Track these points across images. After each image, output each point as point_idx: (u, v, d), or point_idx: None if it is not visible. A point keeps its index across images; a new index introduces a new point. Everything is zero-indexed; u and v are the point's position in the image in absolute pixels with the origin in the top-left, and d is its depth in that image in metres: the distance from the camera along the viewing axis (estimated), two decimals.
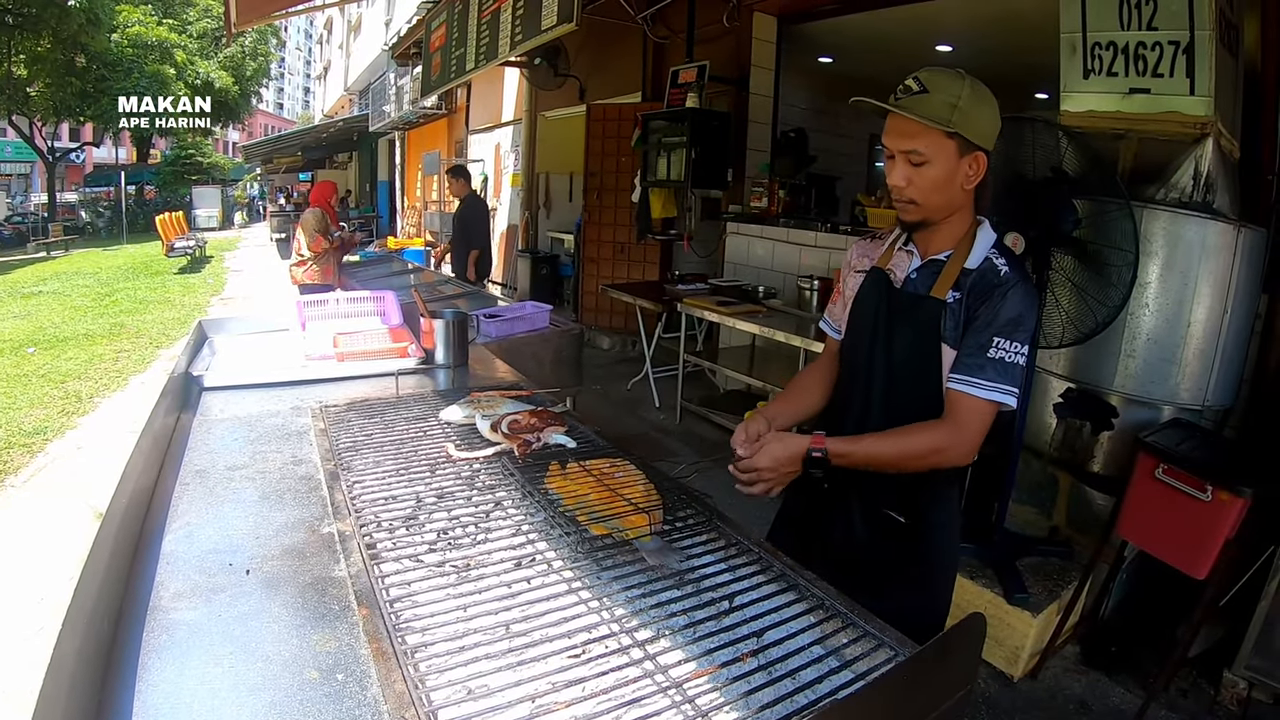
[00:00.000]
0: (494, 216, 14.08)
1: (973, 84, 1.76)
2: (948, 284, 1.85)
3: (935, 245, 1.92)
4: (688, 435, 6.39)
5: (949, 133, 1.74)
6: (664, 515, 1.72)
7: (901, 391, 1.93)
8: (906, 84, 1.79)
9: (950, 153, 1.76)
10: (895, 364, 1.94)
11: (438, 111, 17.18)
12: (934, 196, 1.81)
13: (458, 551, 1.57)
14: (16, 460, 6.08)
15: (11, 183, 39.24)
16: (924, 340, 1.88)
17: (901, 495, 1.95)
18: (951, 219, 1.88)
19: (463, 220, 8.32)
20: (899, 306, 1.95)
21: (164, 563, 1.56)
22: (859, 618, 1.42)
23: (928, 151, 1.76)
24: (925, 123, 1.73)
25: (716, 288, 6.64)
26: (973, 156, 1.78)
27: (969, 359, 1.78)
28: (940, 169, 1.78)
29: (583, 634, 1.32)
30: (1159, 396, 3.52)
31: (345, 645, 1.30)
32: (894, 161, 1.84)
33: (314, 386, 2.80)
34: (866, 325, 2.02)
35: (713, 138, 7.22)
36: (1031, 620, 3.31)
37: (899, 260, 1.99)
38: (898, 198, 1.86)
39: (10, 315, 12.30)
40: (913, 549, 1.98)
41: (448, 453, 2.07)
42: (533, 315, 4.24)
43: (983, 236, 1.88)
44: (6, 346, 9.82)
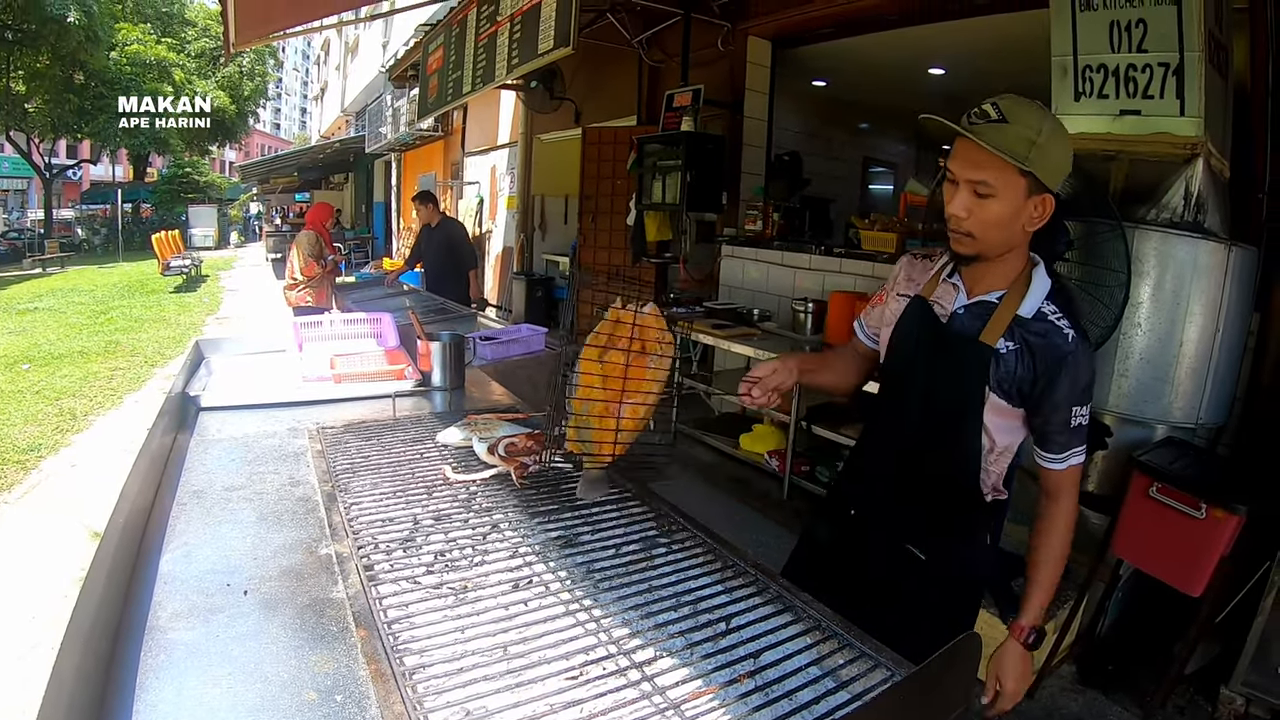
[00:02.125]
0: (489, 239, 14.12)
1: (1055, 121, 1.67)
2: (999, 331, 1.78)
3: (985, 284, 1.85)
4: (683, 457, 6.36)
5: (1022, 170, 1.63)
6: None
7: (938, 427, 1.90)
8: (984, 109, 1.67)
9: (1019, 191, 1.67)
10: (935, 400, 1.90)
11: (434, 134, 17.19)
12: (993, 233, 1.73)
13: (455, 573, 1.58)
14: (10, 477, 6.05)
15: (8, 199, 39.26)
16: (969, 384, 1.82)
17: (925, 531, 1.96)
18: (1006, 257, 1.80)
19: (447, 244, 8.28)
20: (943, 343, 1.88)
21: (162, 583, 1.56)
22: (855, 638, 1.43)
23: (996, 185, 1.66)
24: (1000, 155, 1.61)
25: (712, 310, 6.65)
26: (1041, 198, 1.69)
27: (1059, 437, 1.80)
28: (1006, 205, 1.68)
29: (580, 655, 1.33)
30: (1152, 415, 3.53)
31: (344, 666, 1.31)
32: (956, 188, 1.73)
33: (311, 408, 2.80)
34: (906, 355, 1.97)
35: (707, 161, 7.24)
36: None
37: (944, 292, 1.92)
38: (955, 228, 1.76)
39: (5, 331, 12.27)
40: (932, 585, 1.97)
41: (445, 475, 2.08)
42: (528, 338, 4.24)
43: (1037, 283, 1.80)
44: (1, 363, 9.79)
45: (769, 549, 4.50)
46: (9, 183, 39.46)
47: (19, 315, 14.16)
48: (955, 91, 9.06)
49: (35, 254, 25.21)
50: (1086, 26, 3.67)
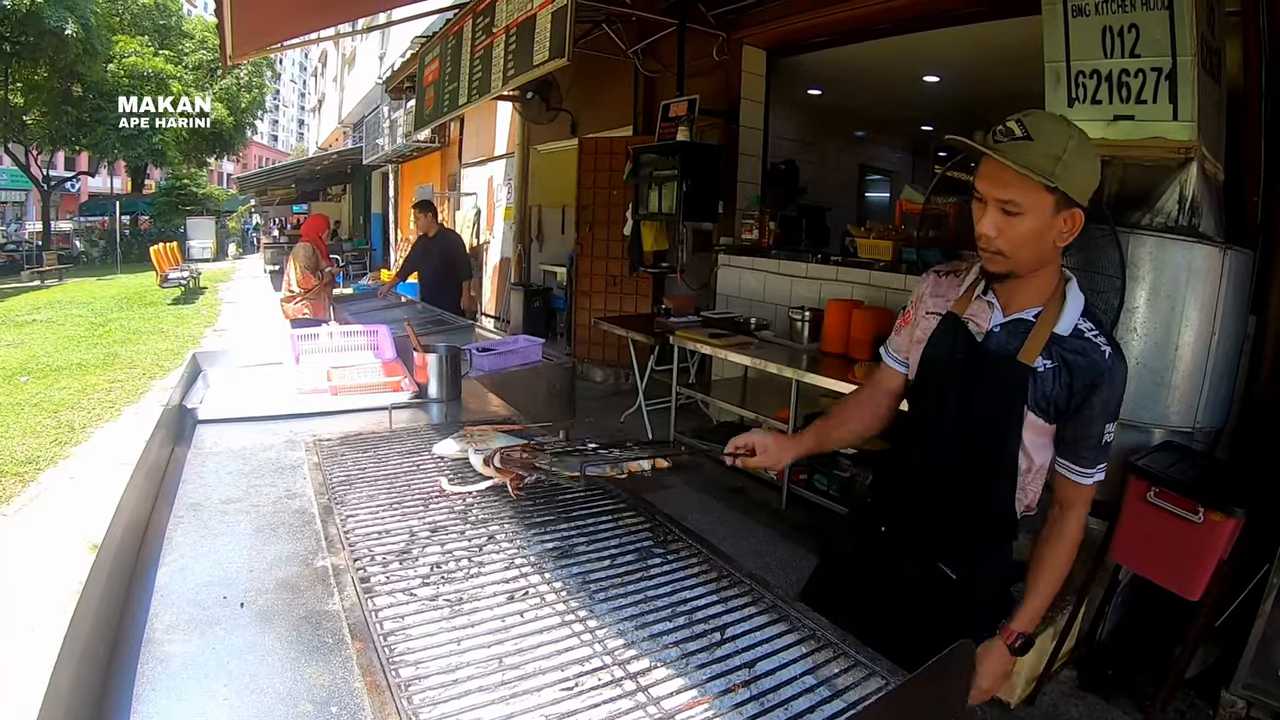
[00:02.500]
0: (486, 250, 14.13)
1: (1080, 136, 1.65)
2: (1037, 349, 1.78)
3: (1020, 301, 1.84)
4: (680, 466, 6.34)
5: (1049, 187, 1.63)
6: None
7: (975, 448, 1.89)
8: (1009, 126, 1.66)
9: (1047, 207, 1.66)
10: (972, 420, 1.89)
11: (431, 145, 17.22)
12: (1024, 250, 1.72)
13: (451, 585, 1.59)
14: (9, 489, 6.05)
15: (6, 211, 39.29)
16: (1008, 404, 1.82)
17: (956, 550, 1.96)
18: (1039, 274, 1.80)
19: (444, 255, 8.29)
20: (981, 363, 1.87)
21: (158, 595, 1.56)
22: (850, 647, 1.43)
23: (1024, 203, 1.66)
24: (1026, 173, 1.61)
25: (709, 319, 6.66)
26: (1069, 213, 1.68)
27: (1088, 453, 1.81)
28: (1035, 223, 1.68)
29: (576, 666, 1.34)
30: (1149, 420, 3.54)
31: (339, 678, 1.31)
32: (984, 207, 1.73)
33: (308, 420, 2.80)
34: (940, 373, 1.96)
35: (704, 170, 7.28)
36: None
37: (978, 310, 1.91)
38: (985, 247, 1.76)
39: (3, 344, 12.26)
40: (960, 603, 1.98)
41: (441, 487, 2.08)
42: (525, 349, 4.24)
43: (1073, 299, 1.80)
44: None
45: (766, 558, 4.53)
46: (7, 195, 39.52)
47: (17, 327, 14.15)
48: (950, 99, 9.09)
49: (33, 266, 25.23)
50: (1079, 32, 3.68)
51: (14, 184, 37.69)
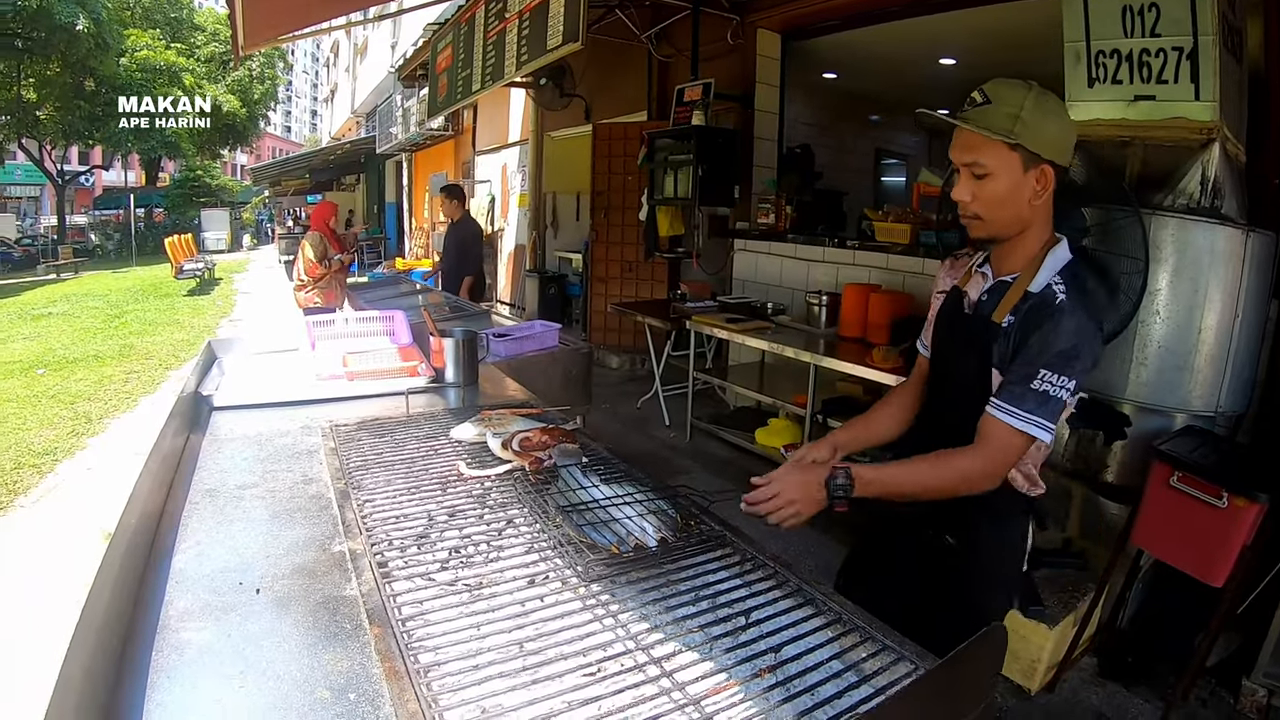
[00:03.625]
0: (501, 237, 14.10)
1: (1039, 94, 1.70)
2: (1006, 308, 1.81)
3: (1008, 265, 1.88)
4: (697, 453, 6.37)
5: (1011, 144, 1.69)
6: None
7: (962, 412, 1.88)
8: (972, 96, 1.75)
9: (1013, 166, 1.72)
10: (958, 385, 1.93)
11: (444, 133, 17.20)
12: (999, 211, 1.77)
13: (470, 569, 1.56)
14: (26, 480, 6.07)
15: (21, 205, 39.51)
16: (979, 363, 1.85)
17: (956, 517, 1.93)
18: (1025, 237, 1.83)
19: (460, 244, 8.26)
20: (963, 329, 1.94)
21: (174, 582, 1.55)
22: (878, 631, 1.40)
23: (990, 164, 1.72)
24: (986, 134, 1.69)
25: (725, 304, 6.62)
26: (1039, 170, 1.73)
27: (1012, 386, 1.73)
28: (1004, 183, 1.73)
29: (598, 651, 1.31)
30: (1171, 404, 3.49)
31: (357, 664, 1.28)
32: (959, 176, 1.80)
33: (324, 406, 2.79)
34: (940, 346, 2.05)
35: (719, 155, 7.23)
36: (1048, 633, 3.26)
37: (974, 282, 1.96)
38: (963, 213, 1.82)
39: (20, 337, 12.34)
40: (964, 574, 1.96)
41: (459, 471, 2.06)
42: (542, 334, 4.21)
43: (1052, 259, 1.81)
44: (17, 367, 9.84)
45: (786, 542, 4.49)
46: (22, 190, 39.75)
47: (34, 320, 14.24)
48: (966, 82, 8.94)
49: (49, 260, 25.42)
50: (1099, 11, 3.62)
51: (29, 179, 37.95)
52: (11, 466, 6.33)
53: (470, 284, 7.93)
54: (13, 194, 39.96)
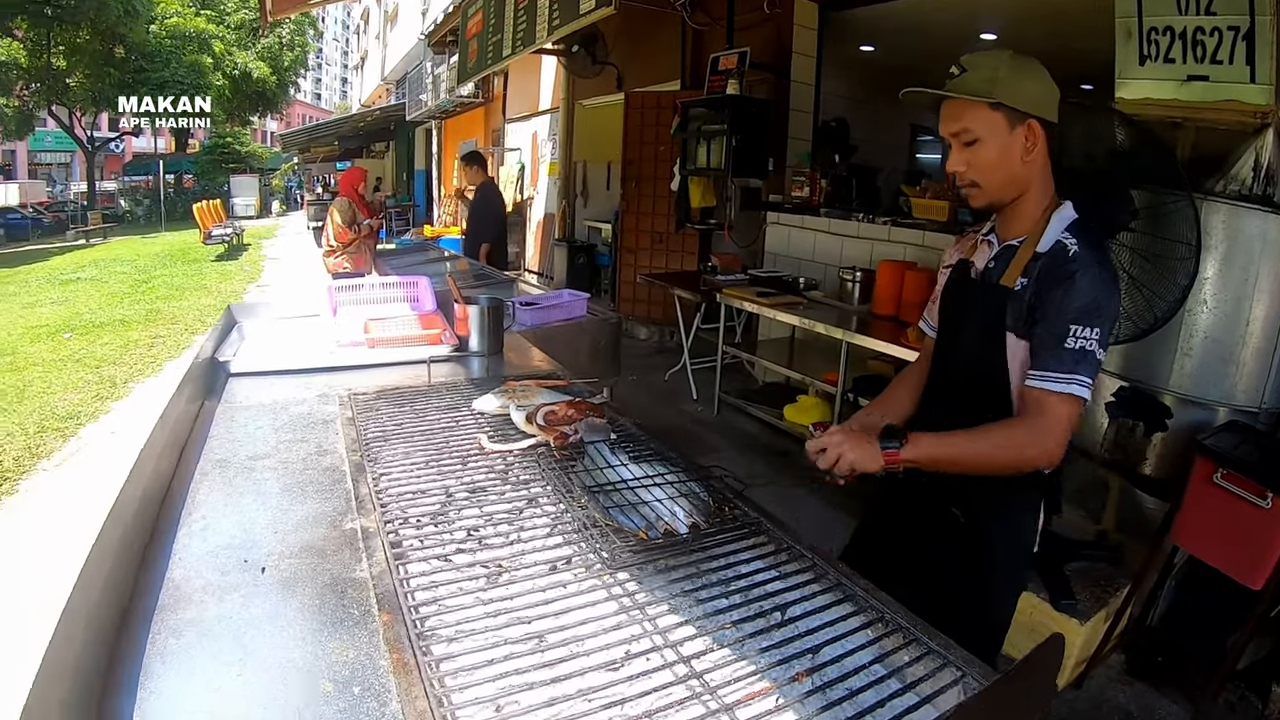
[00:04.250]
0: (530, 205, 14.01)
1: (1014, 56, 1.72)
2: (1017, 271, 1.77)
3: (1013, 230, 1.85)
4: (725, 428, 6.27)
5: (992, 104, 1.70)
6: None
7: (971, 383, 1.86)
8: (950, 70, 1.77)
9: (999, 126, 1.72)
10: (966, 354, 1.88)
11: (474, 100, 17.08)
12: (993, 175, 1.76)
13: (489, 552, 1.47)
14: (50, 444, 6.07)
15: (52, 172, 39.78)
16: (988, 328, 1.81)
17: (971, 493, 1.85)
18: (1026, 200, 1.80)
19: (475, 212, 8.13)
20: (970, 297, 1.91)
21: (176, 558, 1.48)
22: (922, 633, 1.30)
23: (976, 128, 1.73)
24: (966, 99, 1.72)
25: (756, 278, 6.50)
26: (1025, 126, 1.72)
27: (1045, 352, 1.67)
28: (993, 145, 1.73)
29: (622, 647, 1.21)
30: (1215, 397, 3.35)
31: (364, 654, 1.20)
32: (951, 149, 1.80)
33: (344, 374, 2.72)
34: (946, 317, 2.02)
35: (753, 125, 7.09)
36: (1079, 628, 3.17)
37: (981, 251, 1.93)
38: (960, 184, 1.82)
39: (49, 301, 12.39)
40: (974, 552, 1.88)
41: (480, 444, 1.96)
42: (570, 303, 4.12)
43: (1058, 218, 1.77)
44: (44, 332, 9.87)
45: (812, 524, 4.39)
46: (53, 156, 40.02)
47: (62, 285, 14.32)
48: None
49: (78, 225, 25.53)
50: None
51: (59, 146, 38.22)
52: (35, 430, 6.33)
53: (487, 251, 7.75)
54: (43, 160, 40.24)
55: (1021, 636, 3.29)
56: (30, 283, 14.91)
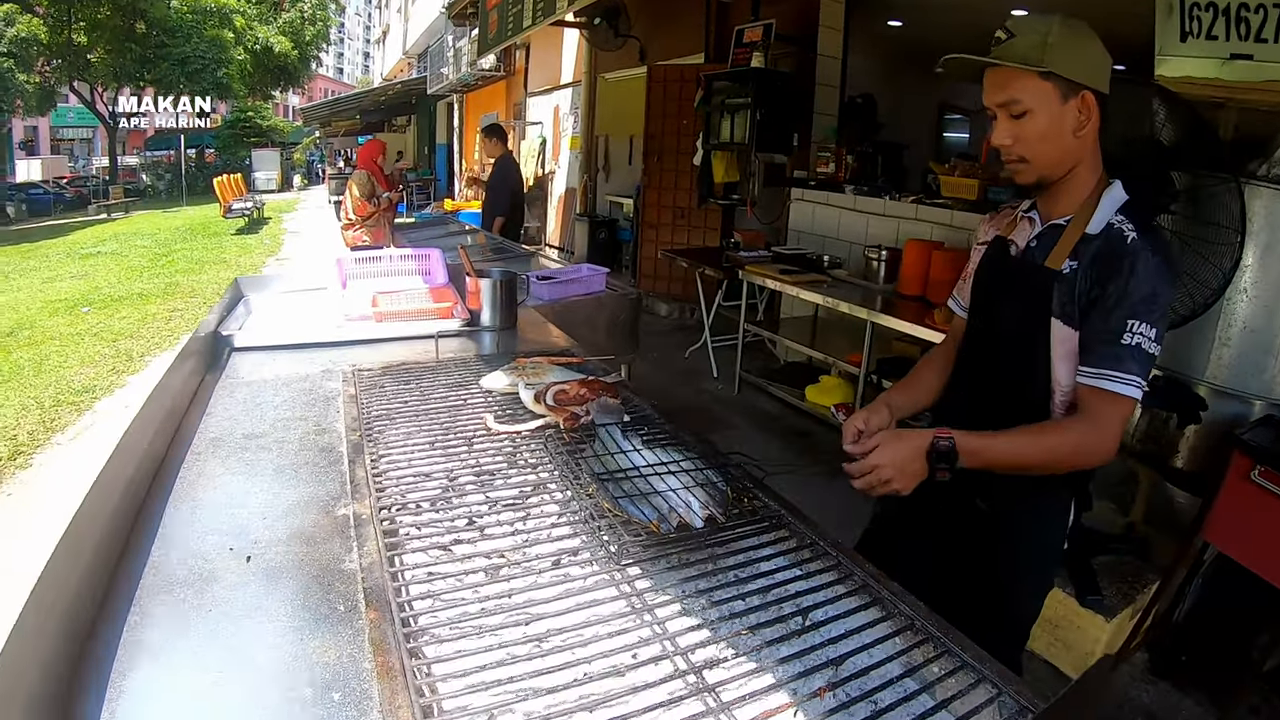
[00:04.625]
0: (552, 180, 13.90)
1: (1064, 20, 1.56)
2: (1064, 253, 1.64)
3: (1058, 208, 1.71)
4: (746, 407, 6.18)
5: (1043, 74, 1.55)
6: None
7: (1007, 367, 1.74)
8: (996, 35, 1.62)
9: (1050, 97, 1.57)
10: (1004, 336, 1.76)
11: (496, 74, 16.97)
12: (1043, 150, 1.61)
13: (489, 542, 1.37)
14: (64, 418, 6.06)
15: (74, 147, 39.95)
16: (1031, 312, 1.68)
17: (996, 487, 1.74)
18: (1074, 177, 1.66)
19: (491, 185, 8.02)
20: (1009, 277, 1.78)
21: (160, 542, 1.40)
22: (954, 643, 1.17)
23: (1025, 99, 1.58)
24: (1015, 67, 1.56)
25: (779, 255, 6.38)
26: (1079, 99, 1.57)
27: (1103, 348, 1.55)
28: (1043, 117, 1.58)
29: (628, 653, 1.11)
30: (1253, 390, 3.21)
31: (347, 656, 1.10)
32: (996, 121, 1.66)
33: (350, 348, 2.63)
34: (981, 298, 1.89)
35: (778, 100, 6.98)
36: (1104, 625, 3.06)
37: (1021, 229, 1.80)
38: (1007, 158, 1.67)
39: (68, 275, 12.43)
40: (997, 544, 1.79)
41: (486, 424, 1.86)
42: (589, 278, 4.01)
43: (1109, 199, 1.64)
44: (62, 306, 9.89)
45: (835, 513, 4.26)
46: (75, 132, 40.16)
47: (82, 259, 14.37)
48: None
49: (100, 200, 25.66)
50: None
51: (81, 121, 38.32)
52: (51, 404, 6.33)
53: (501, 224, 7.64)
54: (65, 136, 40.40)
55: (1045, 631, 3.20)
56: (51, 257, 14.99)
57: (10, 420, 5.96)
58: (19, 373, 7.16)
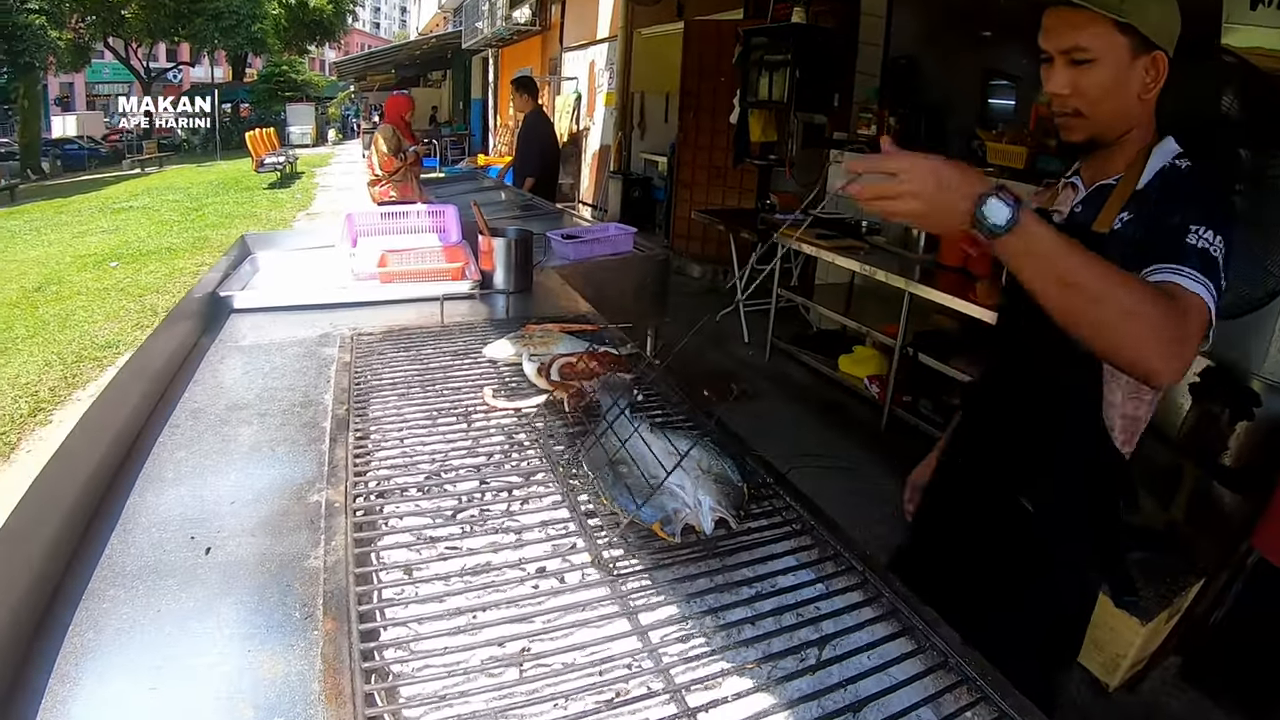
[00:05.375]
0: (586, 136, 13.71)
1: None
2: (1113, 212, 1.47)
3: (1106, 170, 1.54)
4: (776, 374, 6.04)
5: (1120, 24, 1.37)
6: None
7: (1047, 346, 1.50)
8: None
9: (1122, 50, 1.39)
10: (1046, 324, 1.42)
11: (531, 28, 16.76)
12: (1104, 106, 1.44)
13: (473, 539, 1.23)
14: (86, 374, 6.06)
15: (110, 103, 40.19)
16: None
17: (1035, 478, 1.61)
18: (1128, 139, 1.49)
19: (521, 141, 7.85)
20: None
21: (121, 528, 1.28)
22: (993, 687, 0.98)
23: (1094, 48, 1.40)
24: (1092, 9, 1.36)
25: (816, 219, 6.19)
26: (1150, 58, 1.41)
27: (1167, 246, 1.30)
28: (1109, 70, 1.41)
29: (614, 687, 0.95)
30: None
31: (296, 673, 0.97)
32: (1052, 67, 1.47)
33: (353, 310, 2.50)
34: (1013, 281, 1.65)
35: (818, 57, 6.78)
36: (1139, 628, 2.88)
37: (1064, 197, 1.63)
38: (1060, 109, 1.49)
39: (99, 230, 12.49)
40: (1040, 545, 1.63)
41: (485, 399, 1.71)
42: (615, 238, 3.84)
43: (1159, 153, 1.47)
44: (91, 261, 9.92)
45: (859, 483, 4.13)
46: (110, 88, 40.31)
47: (114, 214, 14.45)
48: None
49: (134, 155, 25.74)
50: None
51: (116, 77, 38.41)
52: (73, 359, 6.33)
53: (531, 184, 7.43)
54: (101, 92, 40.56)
55: None
56: (83, 212, 15.08)
57: (32, 376, 5.95)
58: (44, 328, 7.16)
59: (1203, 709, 2.94)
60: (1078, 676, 3.01)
